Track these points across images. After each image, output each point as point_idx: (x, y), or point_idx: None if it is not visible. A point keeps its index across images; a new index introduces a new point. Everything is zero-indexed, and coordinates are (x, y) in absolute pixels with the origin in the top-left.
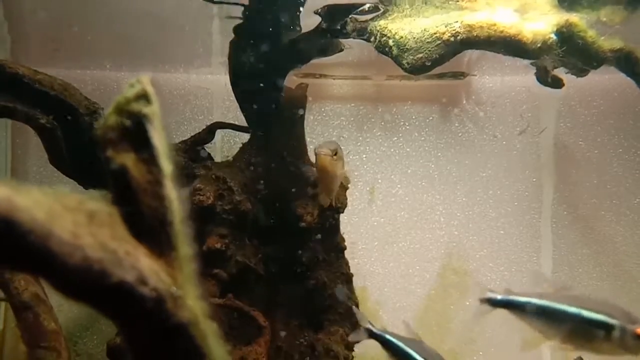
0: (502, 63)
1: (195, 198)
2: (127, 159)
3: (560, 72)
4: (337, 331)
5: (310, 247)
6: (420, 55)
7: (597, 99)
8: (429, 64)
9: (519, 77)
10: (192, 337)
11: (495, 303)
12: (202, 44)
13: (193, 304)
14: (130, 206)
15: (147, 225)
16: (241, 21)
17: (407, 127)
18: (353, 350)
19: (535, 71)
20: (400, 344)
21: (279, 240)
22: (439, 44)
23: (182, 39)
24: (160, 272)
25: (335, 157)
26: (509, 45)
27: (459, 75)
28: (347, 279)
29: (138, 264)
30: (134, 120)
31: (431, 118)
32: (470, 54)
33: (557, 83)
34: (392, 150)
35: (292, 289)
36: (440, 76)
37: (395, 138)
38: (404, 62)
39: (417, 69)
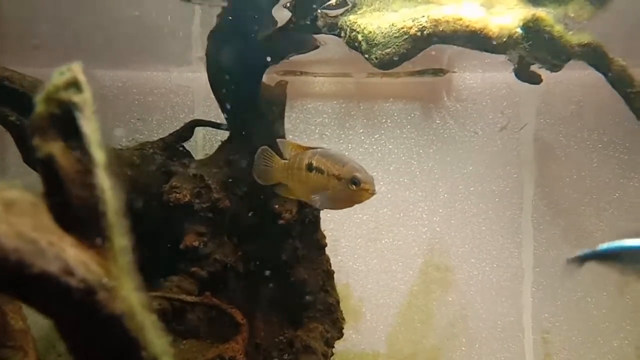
0: (482, 60)
1: (171, 196)
2: (55, 148)
3: (539, 68)
4: (317, 328)
5: (290, 245)
6: (388, 50)
7: (577, 95)
8: (397, 58)
9: (499, 73)
10: (126, 329)
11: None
12: (183, 41)
13: (129, 295)
14: (58, 196)
15: (76, 215)
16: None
17: (389, 125)
18: (333, 347)
19: (513, 67)
20: None
21: (258, 237)
22: (406, 38)
23: (162, 36)
24: (90, 263)
25: None
26: (474, 39)
27: (439, 72)
28: (328, 275)
29: (63, 254)
30: (63, 109)
31: (413, 115)
32: (451, 51)
33: (535, 78)
34: (374, 147)
35: (272, 286)
36: (421, 73)
37: (377, 135)
38: (373, 57)
39: (385, 64)
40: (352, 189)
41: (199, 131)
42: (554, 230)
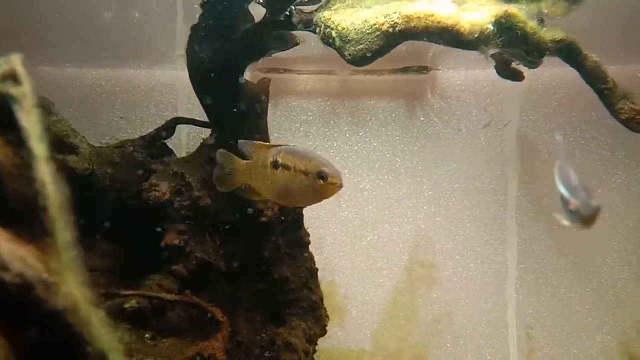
0: (466, 57)
1: (151, 194)
2: None
3: (516, 65)
4: (299, 325)
5: (273, 242)
6: (362, 46)
7: (560, 92)
8: (370, 55)
9: (483, 71)
10: (70, 325)
11: None
12: (166, 39)
13: (73, 291)
14: None
15: (14, 209)
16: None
17: (374, 122)
18: (316, 344)
19: (494, 64)
20: None
21: (240, 235)
22: (379, 35)
23: (145, 34)
24: (29, 258)
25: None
26: (446, 36)
27: (422, 69)
28: (312, 273)
29: None
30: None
31: (397, 113)
32: (435, 49)
33: (517, 76)
34: (359, 145)
35: (255, 284)
36: (405, 71)
37: (362, 133)
38: (346, 53)
39: (358, 61)
40: (319, 184)
41: (183, 129)
42: (537, 226)
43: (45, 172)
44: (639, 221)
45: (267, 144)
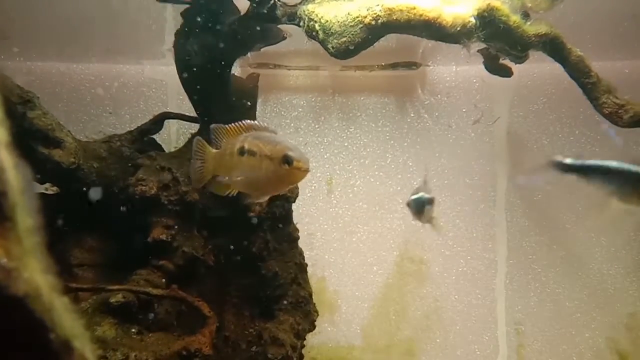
0: (456, 53)
1: (137, 188)
2: None
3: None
4: (287, 320)
5: (261, 237)
6: (344, 39)
7: (549, 88)
8: (353, 47)
9: (473, 67)
10: (31, 311)
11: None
12: (155, 34)
13: (35, 276)
14: None
15: None
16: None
17: (364, 118)
18: (304, 339)
19: (483, 60)
20: None
21: (229, 230)
22: (362, 27)
23: (135, 29)
24: None
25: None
26: (428, 29)
27: (412, 65)
28: (301, 268)
29: None
30: None
31: (387, 109)
32: (424, 44)
33: (505, 71)
34: (349, 141)
35: (243, 279)
36: (394, 66)
37: (353, 129)
38: (329, 46)
39: (341, 53)
40: (285, 169)
41: (173, 124)
42: (526, 222)
43: (5, 157)
44: (626, 217)
45: (236, 126)
